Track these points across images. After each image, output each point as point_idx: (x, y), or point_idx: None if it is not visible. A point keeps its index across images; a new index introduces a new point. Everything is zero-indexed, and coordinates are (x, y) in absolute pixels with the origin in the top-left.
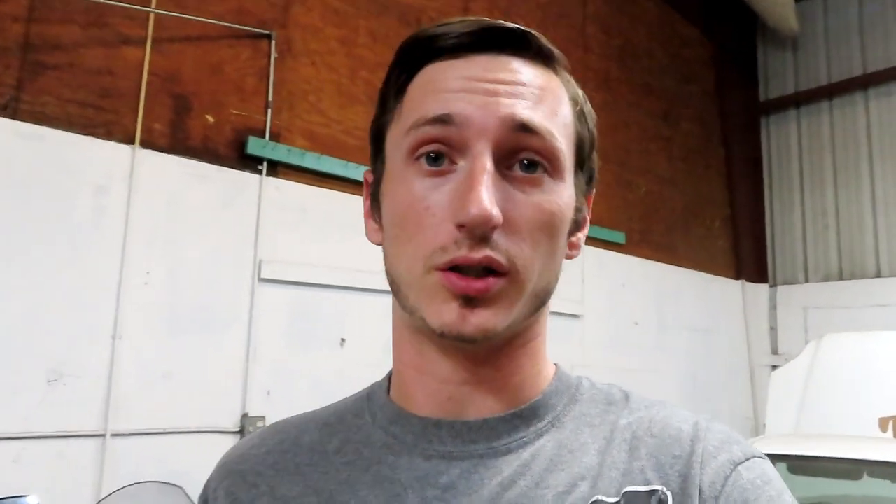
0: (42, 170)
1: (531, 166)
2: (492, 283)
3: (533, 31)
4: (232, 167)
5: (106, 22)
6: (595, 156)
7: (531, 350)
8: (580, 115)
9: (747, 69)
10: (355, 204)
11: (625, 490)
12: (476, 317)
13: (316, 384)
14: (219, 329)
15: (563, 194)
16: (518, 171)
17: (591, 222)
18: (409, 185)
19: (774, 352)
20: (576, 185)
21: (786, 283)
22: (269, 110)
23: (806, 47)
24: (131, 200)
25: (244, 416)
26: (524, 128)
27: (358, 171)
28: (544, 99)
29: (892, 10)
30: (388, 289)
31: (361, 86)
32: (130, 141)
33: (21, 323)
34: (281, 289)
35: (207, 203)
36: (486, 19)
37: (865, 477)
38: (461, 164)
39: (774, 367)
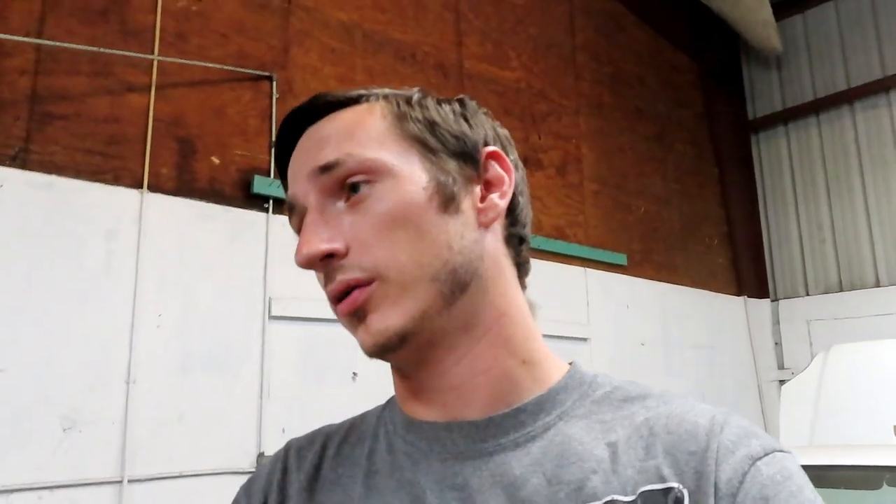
0: (53, 218)
1: (353, 188)
2: (356, 294)
3: (323, 94)
4: (238, 206)
5: (111, 71)
6: (451, 125)
7: (497, 336)
8: (398, 114)
9: (735, 89)
10: None
11: (641, 490)
12: (369, 326)
13: (330, 419)
14: (232, 368)
15: (395, 187)
16: (350, 200)
17: (593, 245)
18: None
19: (780, 366)
20: (425, 166)
21: (787, 297)
22: (273, 149)
23: (790, 65)
24: (141, 244)
25: (260, 455)
26: (324, 169)
27: None
28: (337, 134)
29: (871, 26)
30: None
31: None
32: (138, 185)
33: (35, 371)
34: (292, 325)
35: (216, 243)
36: (294, 108)
37: (885, 486)
38: None
39: (782, 382)
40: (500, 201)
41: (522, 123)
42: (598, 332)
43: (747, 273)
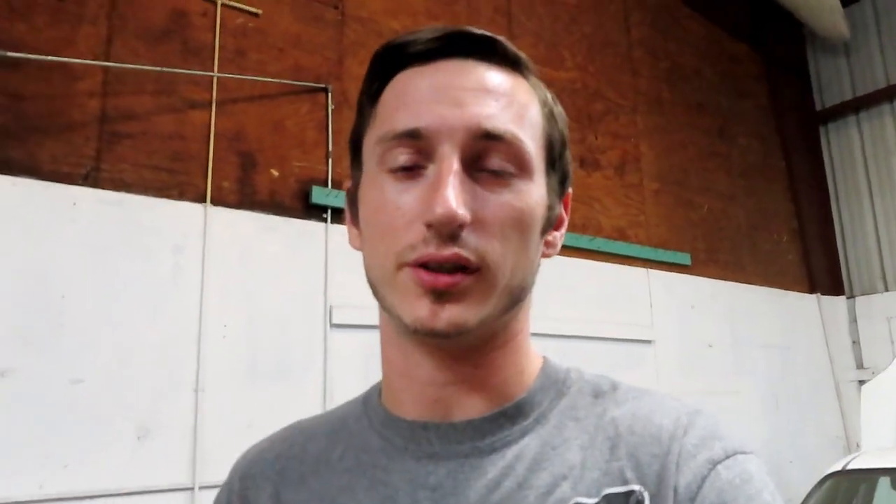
0: (122, 233)
1: (500, 170)
2: (460, 278)
3: (499, 37)
4: (298, 217)
5: (174, 90)
6: (568, 156)
7: (511, 349)
8: (549, 117)
9: (801, 79)
10: None
11: (604, 493)
12: (447, 312)
13: None
14: (295, 377)
15: (532, 193)
16: (486, 174)
17: (655, 245)
18: (381, 189)
19: (860, 366)
20: (547, 184)
21: (864, 293)
22: (330, 160)
23: (859, 51)
24: (206, 256)
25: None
26: (489, 136)
27: None
28: (511, 104)
29: None
30: None
31: None
32: (202, 199)
33: (110, 380)
34: (352, 333)
35: (277, 254)
36: (454, 26)
37: None
38: (430, 167)
39: (861, 383)
40: (559, 242)
41: (579, 124)
42: (663, 334)
43: (820, 269)
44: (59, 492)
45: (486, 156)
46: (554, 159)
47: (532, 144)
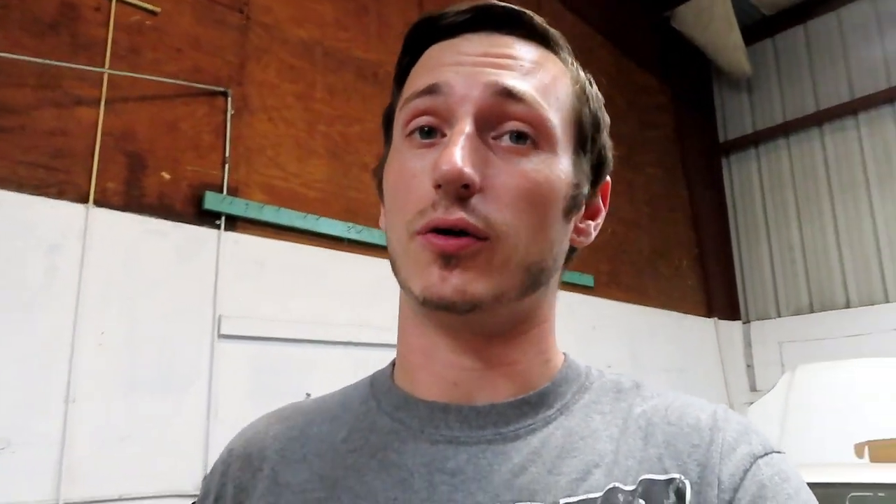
0: None
1: (520, 138)
2: (467, 242)
3: (529, 12)
4: (189, 223)
5: (58, 84)
6: (605, 141)
7: (536, 337)
8: (580, 95)
9: (705, 112)
10: (315, 256)
11: (641, 478)
12: (455, 278)
13: None
14: (178, 388)
15: (553, 166)
16: (505, 142)
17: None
18: (402, 157)
19: (753, 389)
20: (575, 163)
21: (758, 318)
22: (227, 165)
23: (760, 88)
24: (85, 259)
25: (205, 477)
26: (508, 94)
27: (317, 224)
28: (535, 72)
29: (839, 49)
30: (352, 341)
31: (319, 139)
32: (84, 200)
33: None
34: (242, 344)
35: (164, 260)
36: (484, 1)
37: None
38: (448, 133)
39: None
40: (593, 232)
41: None
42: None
43: (718, 295)
44: None
45: (504, 118)
46: (584, 140)
47: (556, 116)
